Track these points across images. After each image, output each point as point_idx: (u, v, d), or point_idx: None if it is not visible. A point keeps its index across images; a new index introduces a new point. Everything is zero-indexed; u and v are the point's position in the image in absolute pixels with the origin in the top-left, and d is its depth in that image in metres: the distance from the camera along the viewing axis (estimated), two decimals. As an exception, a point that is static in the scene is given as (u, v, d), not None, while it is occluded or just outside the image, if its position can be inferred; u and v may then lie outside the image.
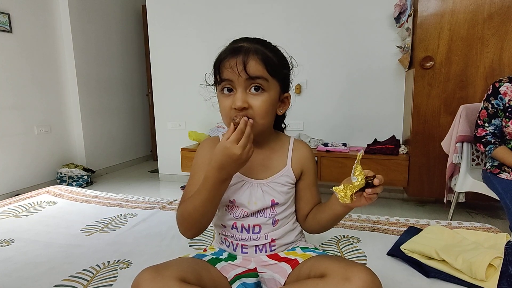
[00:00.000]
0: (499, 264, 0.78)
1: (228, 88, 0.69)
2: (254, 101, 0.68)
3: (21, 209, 1.41)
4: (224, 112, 0.71)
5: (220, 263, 0.72)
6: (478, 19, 1.96)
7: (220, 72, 0.70)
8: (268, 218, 0.76)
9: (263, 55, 0.68)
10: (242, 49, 0.68)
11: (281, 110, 0.77)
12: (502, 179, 1.41)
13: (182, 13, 2.93)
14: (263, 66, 0.67)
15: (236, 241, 0.76)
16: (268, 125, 0.74)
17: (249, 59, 0.66)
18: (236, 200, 0.75)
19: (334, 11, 2.53)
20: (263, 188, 0.76)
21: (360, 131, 2.59)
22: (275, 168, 0.78)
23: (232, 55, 0.68)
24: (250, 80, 0.67)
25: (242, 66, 0.66)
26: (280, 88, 0.73)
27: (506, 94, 1.41)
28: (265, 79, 0.68)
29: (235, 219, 0.76)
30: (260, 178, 0.76)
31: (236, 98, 0.67)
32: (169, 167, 3.20)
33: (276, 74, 0.70)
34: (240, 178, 0.76)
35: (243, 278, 0.70)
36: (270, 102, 0.70)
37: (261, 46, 0.70)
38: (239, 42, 0.71)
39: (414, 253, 0.89)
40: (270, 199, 0.75)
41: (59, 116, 3.08)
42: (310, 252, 0.75)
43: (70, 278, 0.86)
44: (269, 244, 0.76)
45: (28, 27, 2.77)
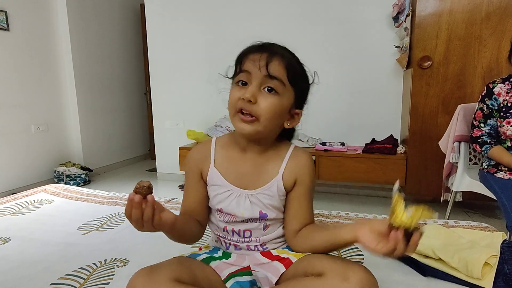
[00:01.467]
0: (495, 262, 0.78)
1: (243, 82, 0.68)
2: (264, 100, 0.66)
3: (17, 208, 1.41)
4: (231, 101, 0.68)
5: (214, 262, 0.72)
6: (476, 18, 1.96)
7: (241, 63, 0.69)
8: (258, 223, 0.75)
9: (288, 60, 0.68)
10: (271, 48, 0.68)
11: (289, 124, 0.73)
12: (499, 179, 1.42)
13: (181, 12, 2.92)
14: (284, 70, 0.66)
15: (229, 241, 0.77)
16: (270, 131, 0.70)
17: (273, 59, 0.66)
18: (223, 209, 0.74)
19: (332, 11, 2.53)
20: (251, 199, 0.73)
21: (358, 131, 2.59)
22: (265, 179, 0.74)
23: (259, 50, 0.67)
24: (268, 78, 0.65)
25: (265, 62, 0.65)
26: (294, 99, 0.71)
27: (500, 94, 1.42)
28: (282, 82, 0.66)
29: (225, 223, 0.76)
30: (249, 188, 0.73)
31: (247, 90, 0.65)
32: (167, 166, 3.19)
33: (294, 84, 0.69)
34: (228, 187, 0.73)
35: (237, 277, 0.70)
36: (280, 107, 0.67)
37: (290, 53, 0.70)
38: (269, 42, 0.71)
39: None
40: (258, 210, 0.73)
41: (56, 115, 3.07)
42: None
43: (66, 277, 0.86)
44: (260, 245, 0.76)
45: (26, 25, 2.76)
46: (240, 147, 0.75)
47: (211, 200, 0.76)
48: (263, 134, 0.69)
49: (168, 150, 3.13)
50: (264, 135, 0.70)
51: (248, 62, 0.67)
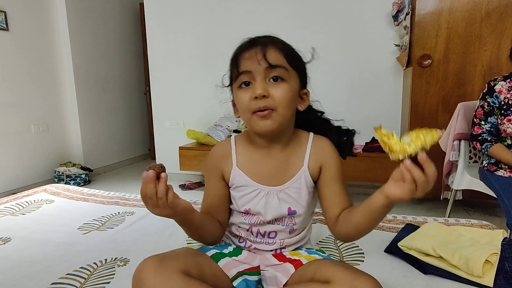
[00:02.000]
0: (496, 260, 0.78)
1: (246, 82, 0.66)
2: (275, 90, 0.64)
3: (18, 208, 1.41)
4: (243, 106, 0.66)
5: (223, 259, 0.71)
6: (476, 17, 1.96)
7: (238, 65, 0.67)
8: (285, 227, 0.74)
9: (282, 45, 0.67)
10: (259, 40, 0.67)
11: (302, 106, 0.72)
12: (499, 176, 1.42)
13: (180, 12, 2.92)
14: (282, 55, 0.66)
15: (250, 243, 0.76)
16: (289, 117, 0.69)
17: (268, 48, 0.65)
18: (251, 209, 0.72)
19: (332, 10, 2.52)
20: (279, 195, 0.72)
21: (358, 129, 2.57)
22: (291, 172, 0.73)
23: (250, 46, 0.67)
24: (270, 69, 0.64)
25: (262, 55, 0.64)
26: (299, 81, 0.70)
27: (501, 92, 1.42)
28: (285, 68, 0.66)
29: (251, 224, 0.75)
30: (276, 184, 0.72)
31: (255, 87, 0.64)
32: (167, 165, 3.12)
33: (296, 65, 0.68)
34: (255, 186, 0.72)
35: (245, 275, 0.69)
36: (291, 93, 0.66)
37: (279, 40, 0.70)
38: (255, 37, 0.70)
39: (411, 250, 0.89)
40: (287, 207, 0.72)
41: (56, 115, 3.07)
42: (315, 255, 0.73)
43: (67, 276, 0.86)
44: (280, 248, 0.76)
45: (25, 25, 2.75)
46: (261, 147, 0.74)
47: (237, 202, 0.75)
48: (283, 125, 0.68)
49: (168, 150, 3.13)
50: (284, 125, 0.69)
51: (244, 61, 0.66)
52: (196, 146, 2.72)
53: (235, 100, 0.71)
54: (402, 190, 0.54)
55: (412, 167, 0.52)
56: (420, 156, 0.51)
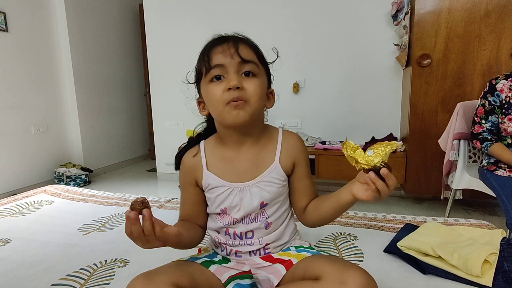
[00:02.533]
0: (495, 260, 0.78)
1: (217, 76, 0.67)
2: (248, 84, 0.66)
3: (18, 209, 1.41)
4: (215, 98, 0.67)
5: (213, 265, 0.71)
6: (475, 16, 1.96)
7: (209, 59, 0.67)
8: (260, 222, 0.74)
9: (251, 43, 0.71)
10: (229, 37, 0.70)
11: (268, 105, 0.75)
12: (498, 176, 1.42)
13: (179, 12, 2.92)
14: (253, 52, 0.69)
15: (230, 247, 0.75)
16: (260, 111, 0.71)
17: (240, 44, 0.68)
18: (227, 208, 0.73)
19: (332, 9, 2.53)
20: (251, 190, 0.72)
21: (357, 129, 2.59)
22: (263, 166, 0.74)
23: (222, 41, 0.69)
24: (243, 63, 0.66)
25: (235, 49, 0.66)
26: (266, 79, 0.73)
27: (503, 91, 1.42)
28: (255, 64, 0.68)
29: (226, 226, 0.75)
30: (248, 179, 0.73)
31: (230, 79, 0.65)
32: (167, 166, 3.19)
33: (264, 63, 0.72)
34: (227, 185, 0.73)
35: (237, 280, 0.69)
36: (262, 87, 0.69)
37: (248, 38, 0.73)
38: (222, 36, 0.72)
39: (410, 250, 0.90)
40: (259, 201, 0.72)
41: (56, 116, 3.07)
42: (304, 252, 0.73)
43: (67, 277, 0.86)
44: (263, 248, 0.75)
45: (24, 26, 2.76)
46: (232, 144, 0.74)
47: (212, 204, 0.75)
48: (254, 117, 0.69)
49: (168, 150, 3.14)
50: (255, 118, 0.70)
51: (217, 55, 0.67)
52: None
53: (205, 95, 0.71)
54: (367, 194, 0.61)
55: (376, 179, 0.59)
56: (382, 171, 0.58)
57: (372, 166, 0.58)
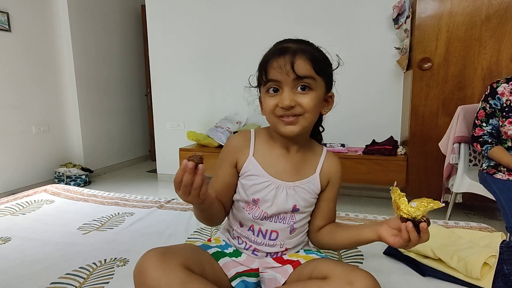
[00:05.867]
0: (494, 262, 0.78)
1: (274, 88, 0.68)
2: (302, 99, 0.67)
3: (18, 208, 1.41)
4: (268, 109, 0.69)
5: (223, 259, 0.72)
6: (476, 20, 1.97)
7: (266, 73, 0.69)
8: (287, 225, 0.75)
9: (310, 54, 0.68)
10: (288, 49, 0.68)
11: (326, 110, 0.76)
12: (498, 179, 1.42)
13: (181, 14, 2.93)
14: (310, 65, 0.67)
15: (250, 243, 0.76)
16: (312, 122, 0.73)
17: (296, 59, 0.66)
18: (260, 199, 0.74)
19: (333, 12, 2.54)
20: (288, 191, 0.74)
21: (358, 132, 2.59)
22: (304, 174, 0.76)
23: (279, 55, 0.67)
24: (298, 79, 0.66)
25: (290, 66, 0.65)
26: (325, 87, 0.72)
27: (504, 94, 1.43)
28: (312, 78, 0.67)
29: (253, 220, 0.75)
30: (287, 180, 0.75)
31: (283, 97, 0.66)
32: (167, 167, 3.20)
33: (323, 73, 0.70)
34: (266, 178, 0.74)
35: (244, 277, 0.70)
36: (318, 100, 0.69)
37: (308, 45, 0.71)
38: (284, 43, 0.71)
39: (410, 252, 0.90)
40: (293, 203, 0.74)
41: (57, 116, 3.07)
42: (312, 254, 0.75)
43: (66, 276, 0.86)
44: (281, 252, 0.76)
45: (27, 26, 2.77)
46: (280, 144, 0.76)
47: (246, 191, 0.76)
48: (307, 128, 0.72)
49: (168, 151, 3.14)
50: (307, 129, 0.73)
51: (273, 70, 0.67)
52: (197, 148, 2.73)
53: (262, 101, 0.73)
54: (396, 241, 0.63)
55: (412, 230, 0.60)
56: (422, 225, 0.60)
57: (412, 217, 0.60)
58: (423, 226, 0.59)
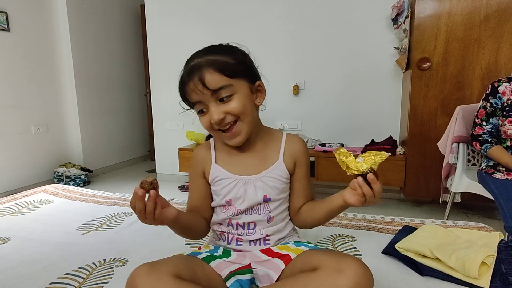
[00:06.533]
0: (492, 262, 0.78)
1: (201, 109, 0.71)
2: (229, 106, 0.69)
3: (17, 208, 1.41)
4: (206, 127, 0.74)
5: (214, 261, 0.73)
6: (475, 21, 1.97)
7: (187, 98, 0.72)
8: (263, 215, 0.77)
9: (215, 64, 0.68)
10: (194, 67, 0.69)
11: (259, 100, 0.76)
12: (496, 179, 1.42)
13: (181, 13, 2.93)
14: (220, 74, 0.68)
15: (232, 235, 0.79)
16: (254, 119, 0.75)
17: (204, 74, 0.67)
18: (232, 199, 0.77)
19: (332, 12, 2.54)
20: (256, 183, 0.77)
21: (357, 132, 2.60)
22: (267, 163, 0.79)
23: (188, 78, 0.69)
24: (215, 92, 0.68)
25: (201, 84, 0.67)
26: (247, 82, 0.73)
27: (505, 93, 1.43)
28: (228, 85, 0.69)
29: (230, 217, 0.78)
30: (253, 173, 0.78)
31: (211, 114, 0.69)
32: (166, 167, 3.20)
33: (237, 73, 0.70)
34: (232, 178, 0.77)
35: (237, 275, 0.70)
36: (244, 100, 0.71)
37: (211, 54, 0.70)
38: (190, 61, 0.72)
39: (408, 252, 0.90)
40: (263, 194, 0.76)
41: (56, 115, 3.07)
42: (302, 247, 0.75)
43: (65, 276, 0.86)
44: (263, 239, 0.78)
45: (26, 26, 2.77)
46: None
47: (218, 196, 0.79)
48: (251, 129, 0.75)
49: (167, 151, 3.14)
50: (252, 124, 0.75)
51: (190, 94, 0.70)
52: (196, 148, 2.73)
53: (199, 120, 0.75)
54: (355, 199, 0.67)
55: (362, 183, 0.64)
56: (368, 176, 0.63)
57: (361, 172, 0.63)
58: (369, 176, 0.62)
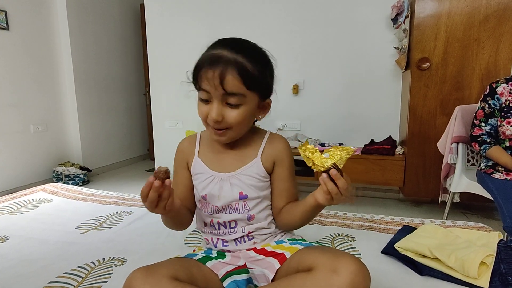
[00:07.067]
0: (491, 262, 0.78)
1: (205, 99, 0.69)
2: (230, 114, 0.68)
3: (16, 207, 1.41)
4: (201, 116, 0.72)
5: (211, 261, 0.73)
6: (474, 21, 1.97)
7: (198, 80, 0.69)
8: (242, 214, 0.76)
9: (241, 69, 0.65)
10: (221, 60, 0.65)
11: (260, 116, 0.76)
12: (495, 179, 1.43)
13: (180, 13, 2.93)
14: (240, 82, 0.65)
15: (216, 237, 0.78)
16: (245, 129, 0.75)
17: (226, 74, 0.64)
18: (207, 195, 0.77)
19: (332, 12, 2.54)
20: (231, 180, 0.76)
21: (357, 132, 2.60)
22: (245, 161, 0.78)
23: (210, 66, 0.65)
24: (227, 95, 0.66)
25: (219, 81, 0.64)
26: (259, 97, 0.72)
27: (503, 94, 1.43)
28: (242, 95, 0.67)
29: (209, 216, 0.78)
30: (229, 171, 0.77)
31: (211, 110, 0.68)
32: (166, 166, 3.19)
33: (255, 87, 0.68)
34: (210, 173, 0.77)
35: (234, 276, 0.70)
36: (247, 114, 0.70)
37: (242, 56, 0.66)
38: (219, 48, 0.68)
39: (408, 251, 0.90)
40: (238, 191, 0.75)
41: (55, 115, 3.07)
42: (297, 245, 0.74)
43: (64, 275, 0.86)
44: (246, 236, 0.77)
45: (25, 25, 2.76)
46: None
47: (196, 190, 0.80)
48: (237, 137, 0.75)
49: (167, 150, 3.14)
50: (239, 136, 0.76)
51: (204, 81, 0.67)
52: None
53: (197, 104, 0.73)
54: (322, 197, 0.65)
55: (326, 180, 0.62)
56: (331, 172, 0.61)
57: (326, 168, 0.61)
58: (332, 172, 0.61)
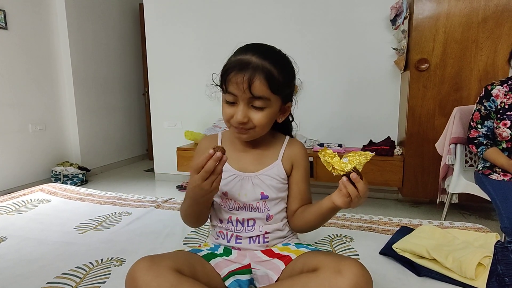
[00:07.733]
0: (488, 263, 0.79)
1: (232, 101, 0.73)
2: (255, 116, 0.72)
3: (14, 207, 1.40)
4: (225, 117, 0.76)
5: (215, 259, 0.73)
6: (473, 22, 1.98)
7: (226, 83, 0.72)
8: (262, 213, 0.79)
9: (269, 75, 0.69)
10: (249, 65, 0.69)
11: (281, 118, 0.80)
12: (493, 180, 1.43)
13: (179, 13, 2.93)
14: (267, 86, 0.69)
15: (231, 232, 0.80)
16: (265, 131, 0.78)
17: (254, 79, 0.68)
18: (228, 192, 0.79)
19: (331, 13, 2.54)
20: (254, 181, 0.79)
21: (355, 132, 2.60)
22: (266, 163, 0.81)
23: (239, 71, 0.69)
24: (253, 98, 0.70)
25: (247, 85, 0.68)
26: (281, 101, 0.76)
27: (498, 96, 1.44)
28: (267, 98, 0.71)
29: (229, 212, 0.80)
30: (251, 171, 0.80)
31: (237, 111, 0.71)
32: (165, 166, 3.19)
33: (279, 92, 0.73)
34: (232, 172, 0.79)
35: (236, 275, 0.70)
36: (271, 116, 0.74)
37: (270, 63, 0.70)
38: (248, 53, 0.71)
39: (405, 252, 0.90)
40: (260, 191, 0.78)
41: (54, 114, 3.06)
42: (303, 248, 0.76)
43: (63, 275, 0.86)
44: (262, 236, 0.79)
45: (24, 24, 2.75)
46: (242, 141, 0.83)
47: None
48: (258, 136, 0.78)
49: (166, 151, 3.13)
50: (259, 136, 0.79)
51: (231, 84, 0.71)
52: (194, 147, 2.73)
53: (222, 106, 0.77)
54: (341, 200, 0.68)
55: (347, 183, 0.65)
56: (351, 175, 0.64)
57: (346, 172, 0.64)
58: (352, 176, 0.64)
